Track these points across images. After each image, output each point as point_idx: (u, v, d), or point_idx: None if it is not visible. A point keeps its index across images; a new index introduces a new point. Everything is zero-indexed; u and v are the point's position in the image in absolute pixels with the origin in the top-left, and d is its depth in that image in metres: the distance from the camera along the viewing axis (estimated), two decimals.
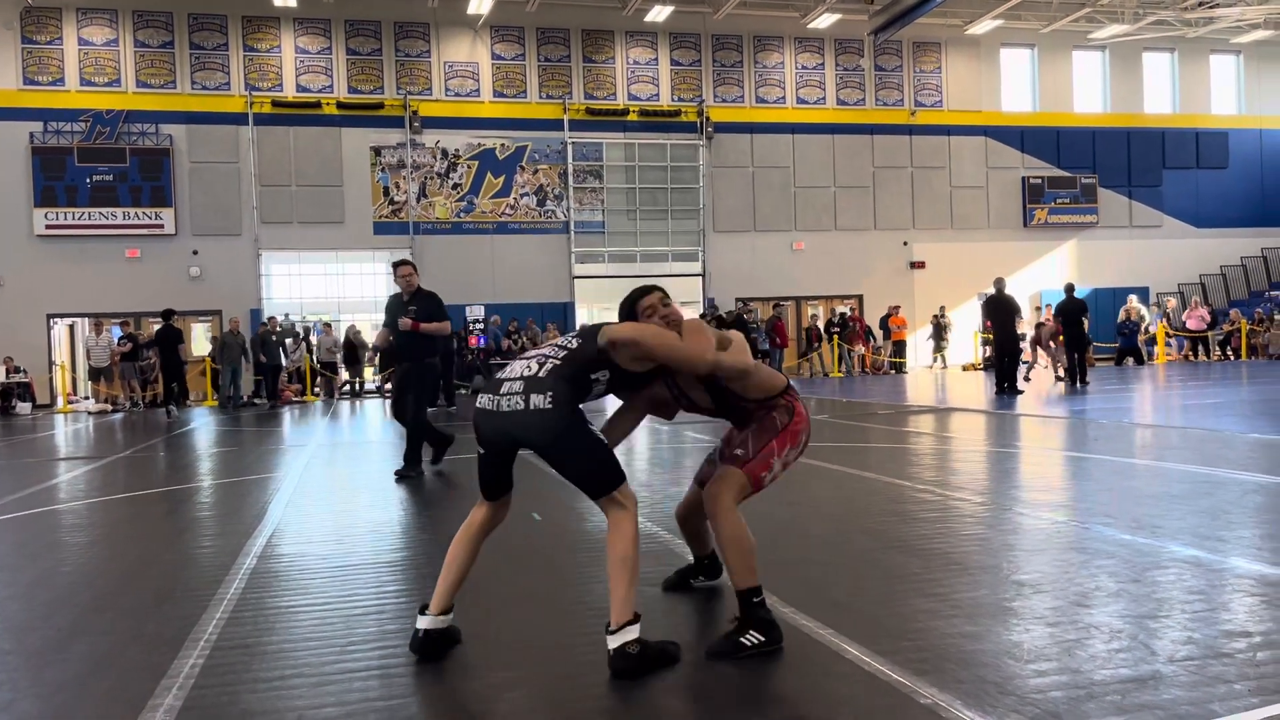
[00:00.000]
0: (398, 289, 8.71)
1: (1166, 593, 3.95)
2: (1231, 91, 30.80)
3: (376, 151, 24.78)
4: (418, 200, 24.97)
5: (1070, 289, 18.87)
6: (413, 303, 8.55)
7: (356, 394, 23.24)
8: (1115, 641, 3.34)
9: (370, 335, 23.94)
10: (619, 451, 3.69)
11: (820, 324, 26.80)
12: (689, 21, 26.72)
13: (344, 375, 23.17)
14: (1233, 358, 25.71)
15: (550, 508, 6.67)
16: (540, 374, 3.39)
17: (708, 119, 26.74)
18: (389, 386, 21.17)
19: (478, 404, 3.50)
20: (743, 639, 3.39)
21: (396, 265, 8.69)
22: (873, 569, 4.61)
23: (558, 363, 3.42)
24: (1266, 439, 8.92)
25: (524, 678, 3.28)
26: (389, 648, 3.65)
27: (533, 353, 3.56)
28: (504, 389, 3.42)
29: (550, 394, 3.34)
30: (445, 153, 25.20)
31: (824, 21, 26.63)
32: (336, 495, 7.72)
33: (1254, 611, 3.62)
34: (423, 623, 3.52)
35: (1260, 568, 4.23)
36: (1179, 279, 29.59)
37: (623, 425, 3.96)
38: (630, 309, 3.77)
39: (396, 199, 24.89)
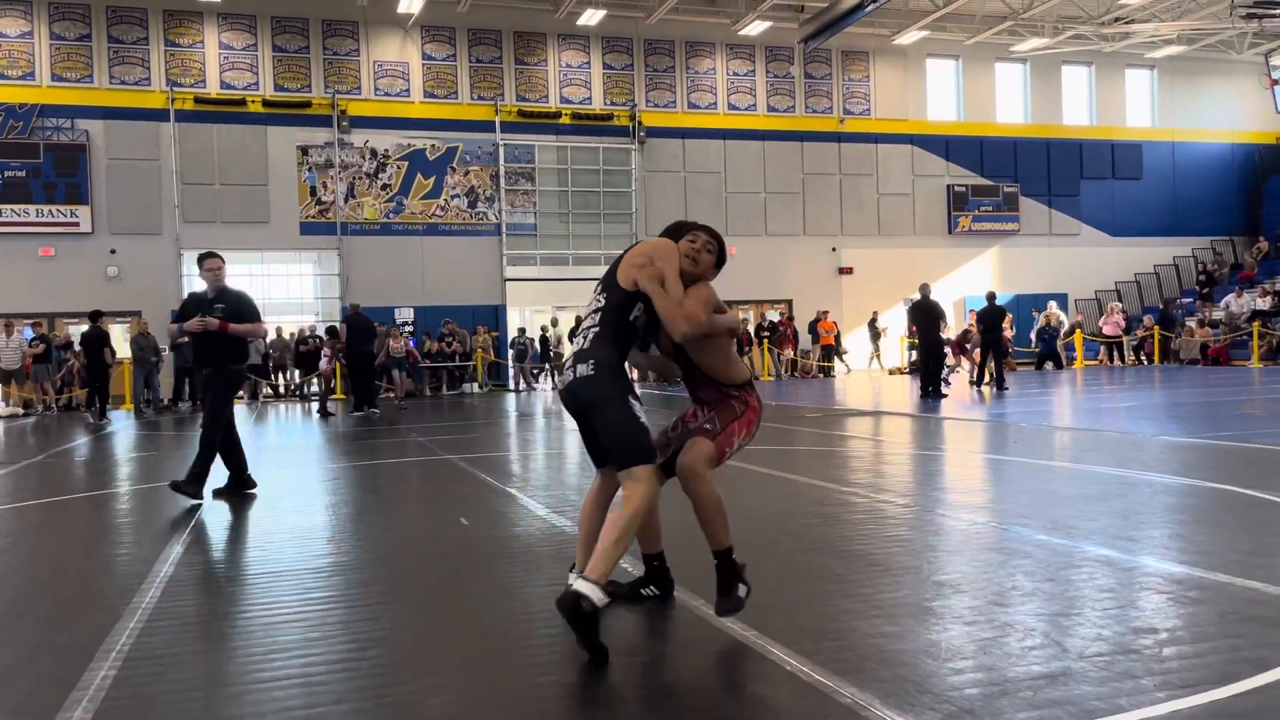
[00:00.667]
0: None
1: (1079, 591, 4.07)
2: (1145, 105, 31.86)
3: (303, 151, 24.35)
4: (345, 200, 24.60)
5: (991, 297, 19.32)
6: (219, 300, 7.71)
7: (282, 396, 22.87)
8: (1029, 639, 3.43)
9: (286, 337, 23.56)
10: None
11: (750, 328, 27.05)
12: (621, 26, 26.77)
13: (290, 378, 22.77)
14: (1146, 362, 26.58)
15: (480, 512, 6.63)
16: (585, 345, 3.67)
17: (640, 123, 26.82)
18: (317, 390, 20.82)
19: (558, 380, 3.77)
20: (738, 593, 3.67)
21: (203, 259, 7.86)
22: (796, 570, 4.67)
23: (596, 328, 3.68)
24: (1176, 441, 9.24)
25: (449, 684, 3.26)
26: (311, 655, 3.59)
27: (584, 324, 3.78)
28: (567, 362, 3.73)
29: (591, 361, 3.62)
30: (374, 153, 24.87)
31: (755, 29, 26.90)
32: (260, 500, 7.57)
33: (1161, 609, 3.75)
34: (571, 579, 3.69)
35: (1168, 566, 4.38)
36: (1096, 286, 30.50)
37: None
38: (677, 232, 3.95)
39: (324, 199, 24.49)
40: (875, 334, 27.71)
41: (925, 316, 17.05)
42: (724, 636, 3.59)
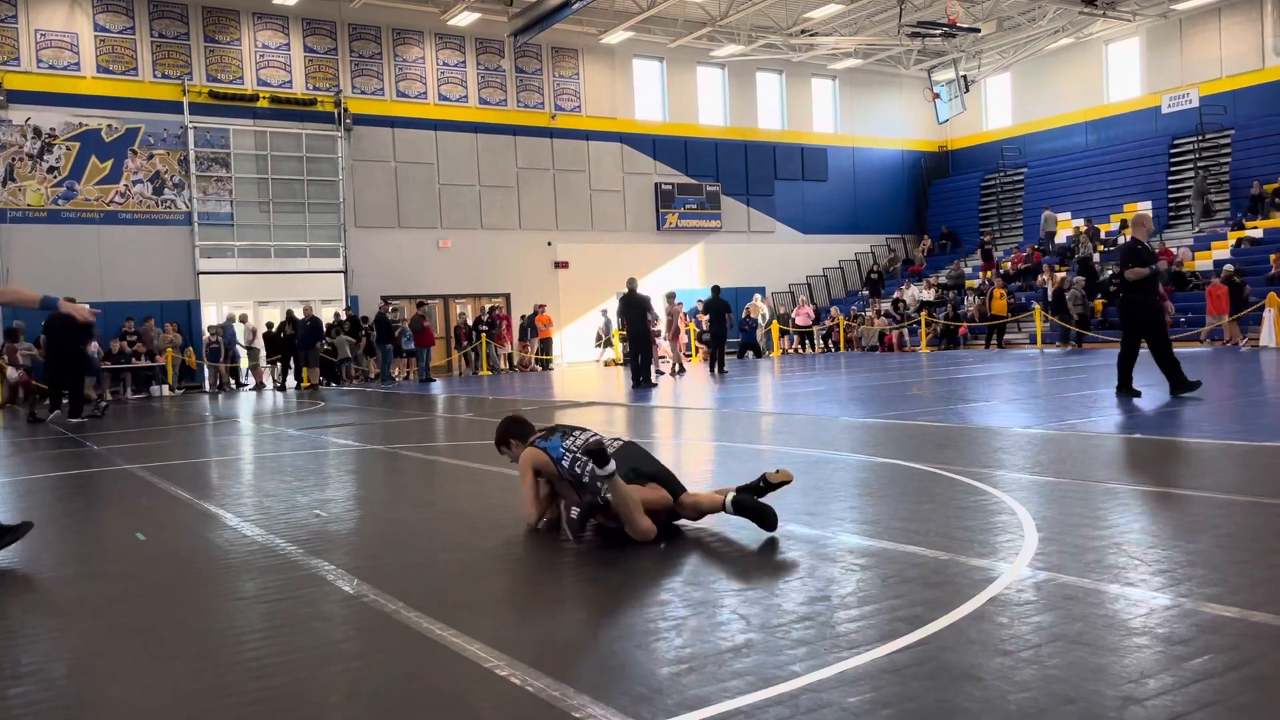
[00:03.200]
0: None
1: (766, 566, 4.30)
2: (829, 112, 34.64)
3: None
4: (4, 184, 21.89)
5: (716, 290, 20.63)
6: None
7: None
8: (717, 616, 3.57)
9: None
10: None
11: (469, 322, 26.80)
12: (323, 8, 25.61)
13: None
14: (833, 350, 28.91)
15: (161, 527, 6.08)
16: None
17: (346, 110, 25.80)
18: None
19: None
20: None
21: None
22: (498, 564, 4.62)
23: None
24: (855, 421, 10.08)
25: (108, 717, 2.93)
26: None
27: None
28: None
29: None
30: (38, 131, 22.30)
31: (464, 19, 26.62)
32: None
33: (835, 578, 4.03)
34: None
35: (845, 537, 4.73)
36: (790, 279, 32.80)
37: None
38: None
39: None
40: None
41: (633, 310, 17.59)
42: (423, 639, 3.48)
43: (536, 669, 3.07)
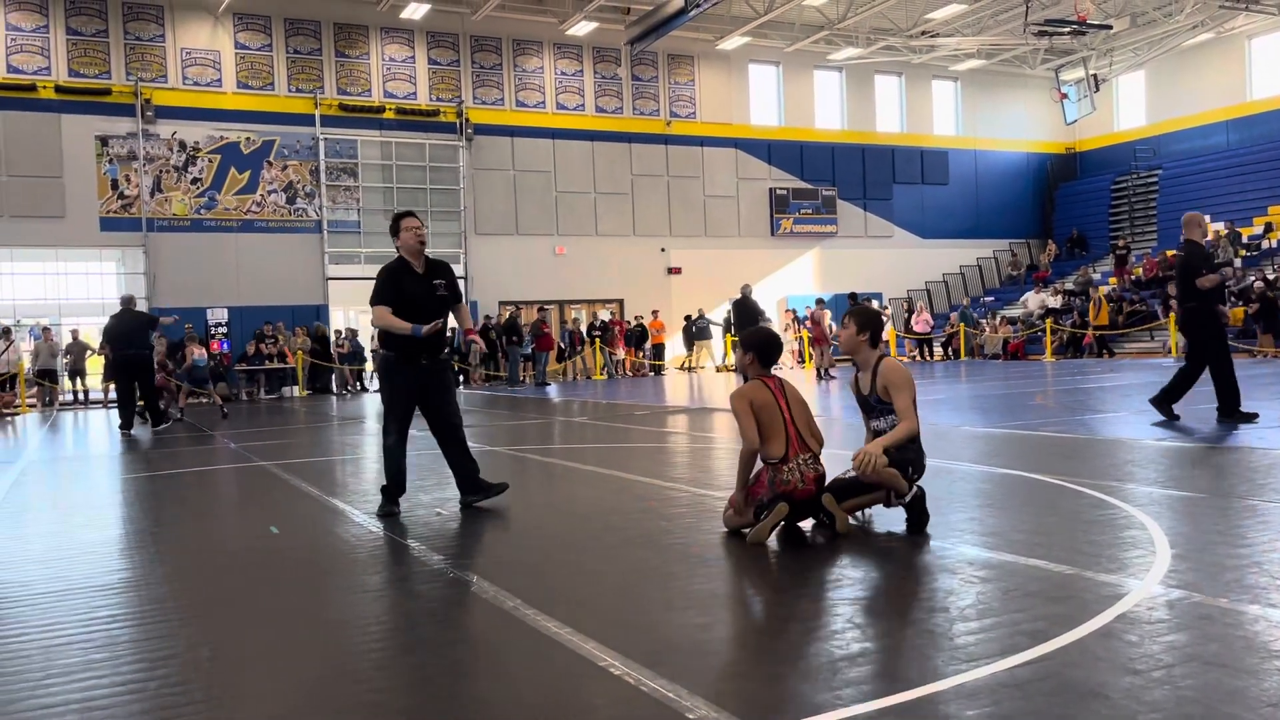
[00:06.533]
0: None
1: (883, 576, 4.25)
2: (950, 114, 33.82)
3: (103, 141, 22.82)
4: (151, 195, 23.20)
5: (854, 297, 20.61)
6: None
7: (79, 404, 21.38)
8: (833, 624, 3.55)
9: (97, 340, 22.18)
10: None
11: (583, 327, 27.13)
12: (447, 21, 26.34)
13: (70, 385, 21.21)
14: (953, 358, 28.19)
15: (294, 520, 6.36)
16: None
17: (467, 120, 26.47)
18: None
19: None
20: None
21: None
22: (615, 564, 4.68)
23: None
24: (976, 431, 9.82)
25: (247, 700, 3.09)
26: (94, 678, 3.33)
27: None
28: None
29: None
30: (183, 145, 23.56)
31: (582, 29, 26.99)
32: (48, 514, 7.01)
33: (953, 589, 3.95)
34: None
35: (964, 548, 4.63)
36: (908, 285, 32.12)
37: None
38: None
39: (127, 193, 23.02)
40: (690, 335, 27.70)
41: (744, 315, 17.50)
42: (539, 637, 3.55)
43: (650, 669, 3.11)
